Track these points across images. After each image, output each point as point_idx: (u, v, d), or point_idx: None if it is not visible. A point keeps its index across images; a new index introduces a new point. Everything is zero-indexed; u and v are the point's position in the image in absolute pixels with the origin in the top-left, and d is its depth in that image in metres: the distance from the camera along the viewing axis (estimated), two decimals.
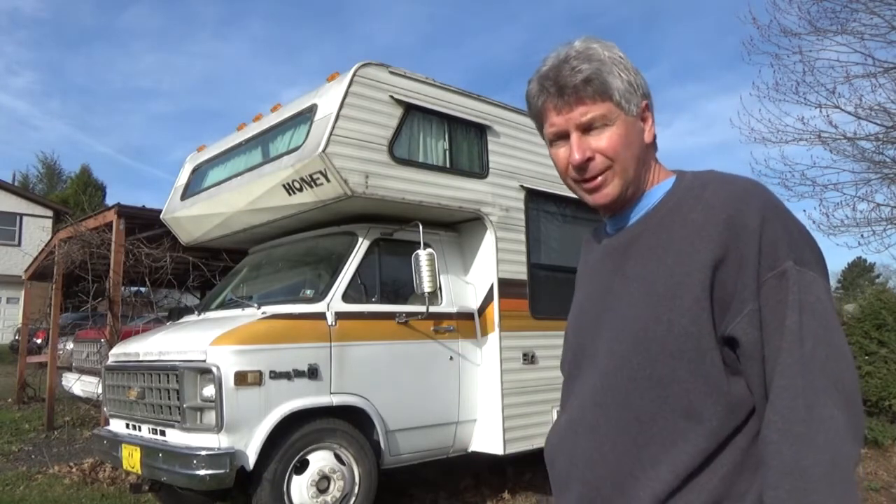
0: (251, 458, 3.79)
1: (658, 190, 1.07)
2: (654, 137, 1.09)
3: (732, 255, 0.92)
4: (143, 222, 7.08)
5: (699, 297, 0.92)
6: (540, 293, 5.19)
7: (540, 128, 1.11)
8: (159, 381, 4.10)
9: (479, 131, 5.08)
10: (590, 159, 1.03)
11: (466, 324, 4.90)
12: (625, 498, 0.97)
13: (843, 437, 0.86)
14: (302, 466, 4.01)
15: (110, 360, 4.85)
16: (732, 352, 0.94)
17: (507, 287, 4.94)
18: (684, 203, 1.01)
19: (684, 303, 0.93)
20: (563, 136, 1.05)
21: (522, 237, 5.17)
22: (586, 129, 1.03)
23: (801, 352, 0.88)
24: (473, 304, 5.00)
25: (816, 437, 0.86)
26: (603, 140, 1.03)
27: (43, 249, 9.97)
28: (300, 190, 4.41)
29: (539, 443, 4.78)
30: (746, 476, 0.93)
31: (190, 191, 5.77)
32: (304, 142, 4.33)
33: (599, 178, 1.04)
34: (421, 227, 4.47)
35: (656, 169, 1.10)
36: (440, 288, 4.68)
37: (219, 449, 3.71)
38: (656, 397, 0.95)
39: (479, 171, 5.04)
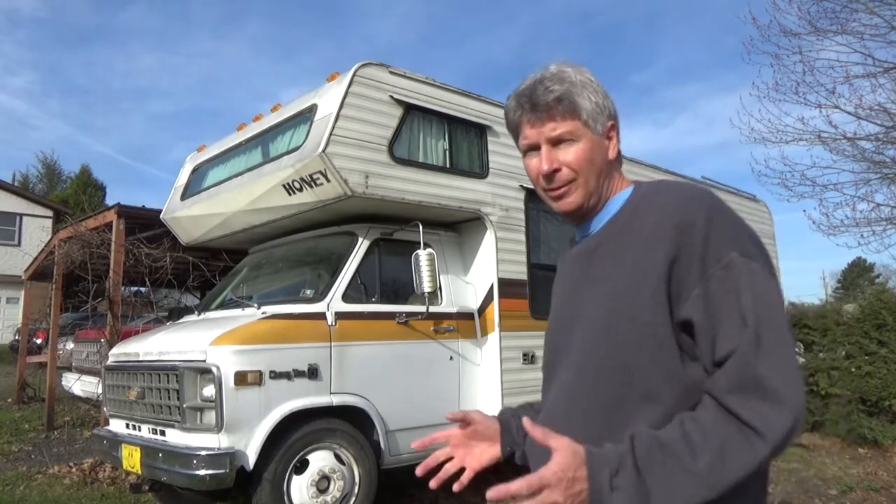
0: (251, 458, 3.79)
1: (619, 198, 1.18)
2: (619, 154, 1.20)
3: (683, 253, 1.02)
4: (143, 222, 7.08)
5: (655, 292, 1.02)
6: (540, 293, 5.19)
7: (516, 139, 1.22)
8: (159, 381, 4.10)
9: (479, 131, 5.08)
10: (556, 170, 1.15)
11: (466, 324, 4.90)
12: None
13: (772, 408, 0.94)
14: (302, 466, 4.01)
15: (110, 360, 4.85)
16: (689, 337, 1.02)
17: (507, 287, 4.94)
18: (640, 209, 1.11)
19: (643, 297, 1.03)
20: (535, 148, 1.17)
21: (522, 237, 5.18)
22: (556, 142, 1.14)
23: (747, 331, 0.96)
24: (473, 304, 5.00)
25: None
26: (570, 154, 1.14)
27: (43, 249, 9.97)
28: (300, 190, 4.41)
29: None
30: None
31: (190, 191, 5.78)
32: (304, 142, 4.33)
33: (563, 189, 1.16)
34: (421, 227, 4.47)
35: (619, 180, 1.20)
36: (440, 288, 4.69)
37: (219, 449, 3.71)
38: (621, 385, 1.04)
39: (479, 171, 5.04)
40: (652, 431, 0.98)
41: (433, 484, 1.22)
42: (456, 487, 1.22)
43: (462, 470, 1.26)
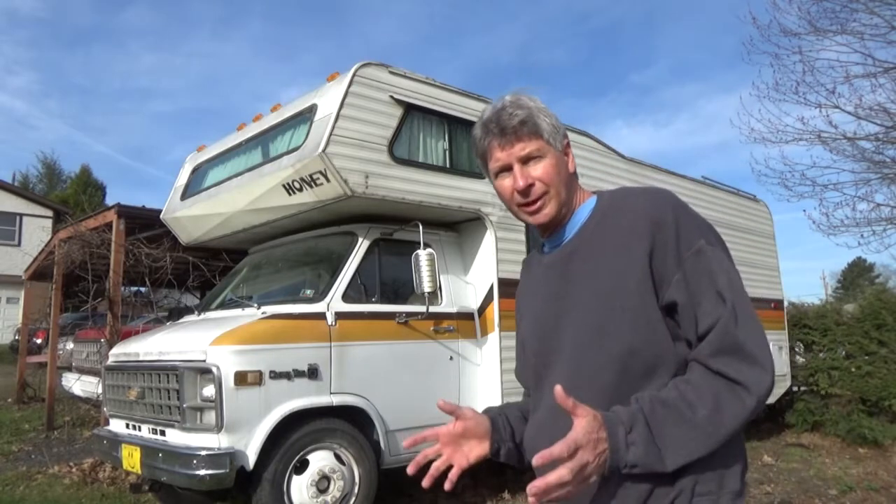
0: (251, 458, 3.79)
1: (585, 208, 1.30)
2: (575, 168, 1.32)
3: (659, 245, 1.15)
4: (143, 222, 7.08)
5: (641, 281, 1.14)
6: None
7: (485, 164, 1.31)
8: (159, 381, 4.10)
9: None
10: (531, 185, 1.24)
11: (466, 324, 4.90)
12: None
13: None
14: (302, 466, 4.01)
15: (110, 360, 4.85)
16: (672, 320, 1.15)
17: (507, 287, 4.94)
18: (610, 214, 1.24)
19: (630, 288, 1.15)
20: (507, 169, 1.26)
21: (522, 237, 5.17)
22: (525, 161, 1.24)
23: (726, 305, 1.11)
24: (473, 304, 5.00)
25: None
26: (539, 170, 1.24)
27: (43, 249, 9.97)
28: (300, 190, 4.41)
29: None
30: None
31: (190, 191, 5.78)
32: (304, 142, 4.33)
33: (539, 202, 1.26)
34: (421, 227, 4.48)
35: (581, 192, 1.32)
36: (440, 288, 4.69)
37: (219, 449, 3.71)
38: (620, 370, 1.15)
39: (479, 171, 5.03)
40: (652, 393, 1.10)
41: (426, 483, 1.25)
42: (447, 486, 1.24)
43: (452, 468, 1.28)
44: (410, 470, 1.28)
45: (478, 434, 1.30)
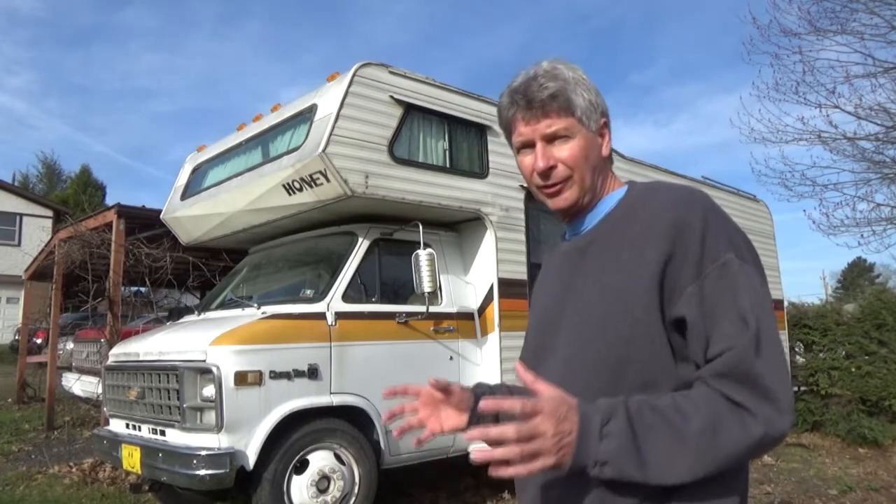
0: (251, 458, 3.79)
1: (612, 197, 1.18)
2: (611, 152, 1.20)
3: (679, 251, 1.01)
4: (143, 222, 7.08)
5: (650, 289, 1.02)
6: None
7: (508, 137, 1.21)
8: (159, 381, 4.10)
9: (479, 131, 5.08)
10: (552, 167, 1.14)
11: (466, 324, 4.90)
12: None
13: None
14: (302, 466, 4.01)
15: (110, 360, 4.85)
16: (680, 336, 1.01)
17: (507, 287, 4.94)
18: (635, 207, 1.12)
19: (637, 294, 1.03)
20: (530, 145, 1.16)
21: (522, 237, 5.17)
22: (550, 139, 1.13)
23: (748, 331, 0.95)
24: (473, 304, 5.00)
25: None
26: (565, 151, 1.13)
27: (43, 249, 9.97)
28: (300, 190, 4.41)
29: None
30: None
31: (190, 191, 5.78)
32: (303, 142, 4.33)
33: (559, 185, 1.15)
34: (421, 227, 4.47)
35: (611, 179, 1.21)
36: (440, 288, 4.69)
37: (219, 449, 3.71)
38: (615, 378, 1.04)
39: (479, 171, 5.04)
40: (644, 397, 0.97)
41: (395, 433, 1.22)
42: (414, 444, 1.21)
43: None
44: (385, 420, 1.25)
45: (459, 406, 1.22)
